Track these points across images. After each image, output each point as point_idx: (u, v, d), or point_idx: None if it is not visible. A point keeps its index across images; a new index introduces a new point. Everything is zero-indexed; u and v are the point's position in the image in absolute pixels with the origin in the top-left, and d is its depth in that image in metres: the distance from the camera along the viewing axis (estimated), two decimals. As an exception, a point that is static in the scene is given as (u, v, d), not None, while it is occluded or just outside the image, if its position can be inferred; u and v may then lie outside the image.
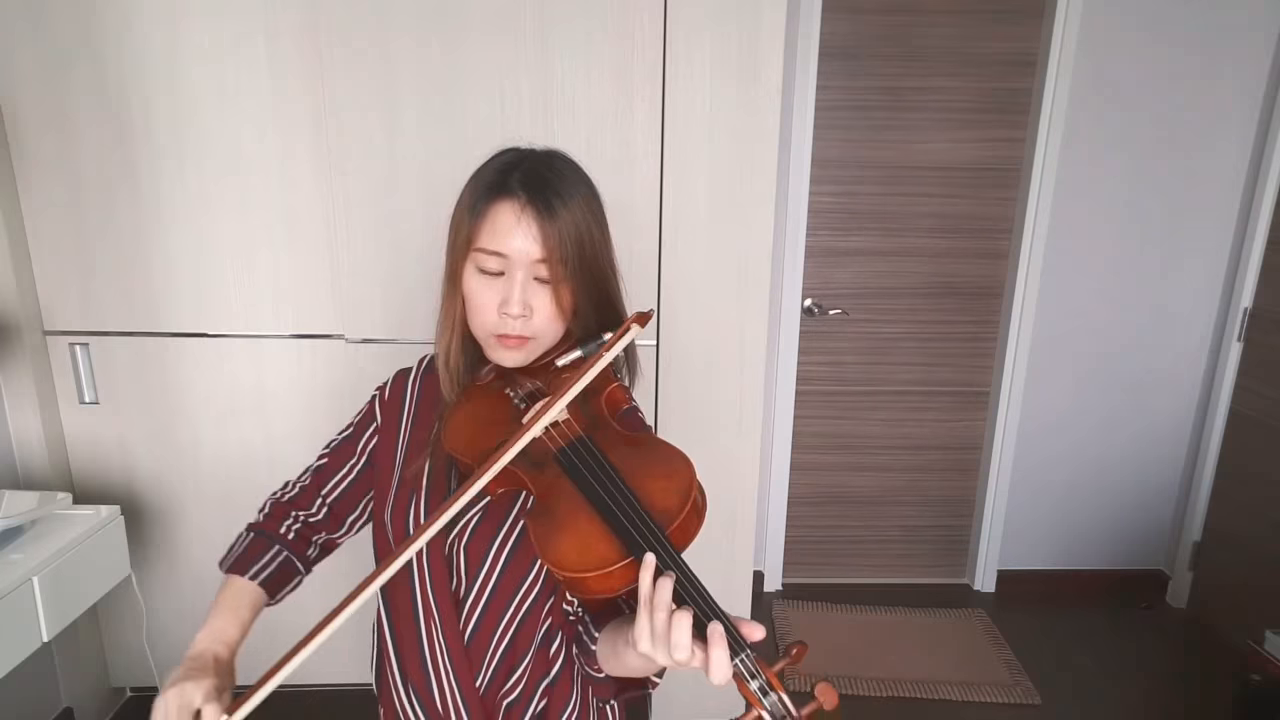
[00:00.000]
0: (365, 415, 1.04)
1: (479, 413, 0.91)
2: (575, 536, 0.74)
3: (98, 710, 2.10)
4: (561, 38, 1.71)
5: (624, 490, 0.75)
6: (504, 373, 0.94)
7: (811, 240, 2.61)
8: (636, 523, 0.72)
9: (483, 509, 0.90)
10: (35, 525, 1.56)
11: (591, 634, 0.88)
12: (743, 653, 0.66)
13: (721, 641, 0.65)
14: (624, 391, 0.95)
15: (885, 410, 2.79)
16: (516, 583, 0.90)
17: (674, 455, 0.80)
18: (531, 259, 0.85)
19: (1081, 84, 2.44)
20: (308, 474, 1.05)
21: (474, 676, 0.91)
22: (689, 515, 0.73)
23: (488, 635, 0.91)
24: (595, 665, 0.88)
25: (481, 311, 0.88)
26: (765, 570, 2.86)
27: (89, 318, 1.90)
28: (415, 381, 1.03)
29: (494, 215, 0.85)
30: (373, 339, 1.88)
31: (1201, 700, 2.34)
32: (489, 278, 0.87)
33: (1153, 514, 2.85)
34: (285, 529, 1.03)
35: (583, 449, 0.81)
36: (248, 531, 1.03)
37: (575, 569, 0.72)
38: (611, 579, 0.72)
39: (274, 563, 1.01)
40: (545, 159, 0.89)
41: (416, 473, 0.93)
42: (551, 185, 0.85)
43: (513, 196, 0.84)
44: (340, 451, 1.03)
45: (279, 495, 1.05)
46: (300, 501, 1.04)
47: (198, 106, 1.80)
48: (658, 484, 0.76)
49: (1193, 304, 2.66)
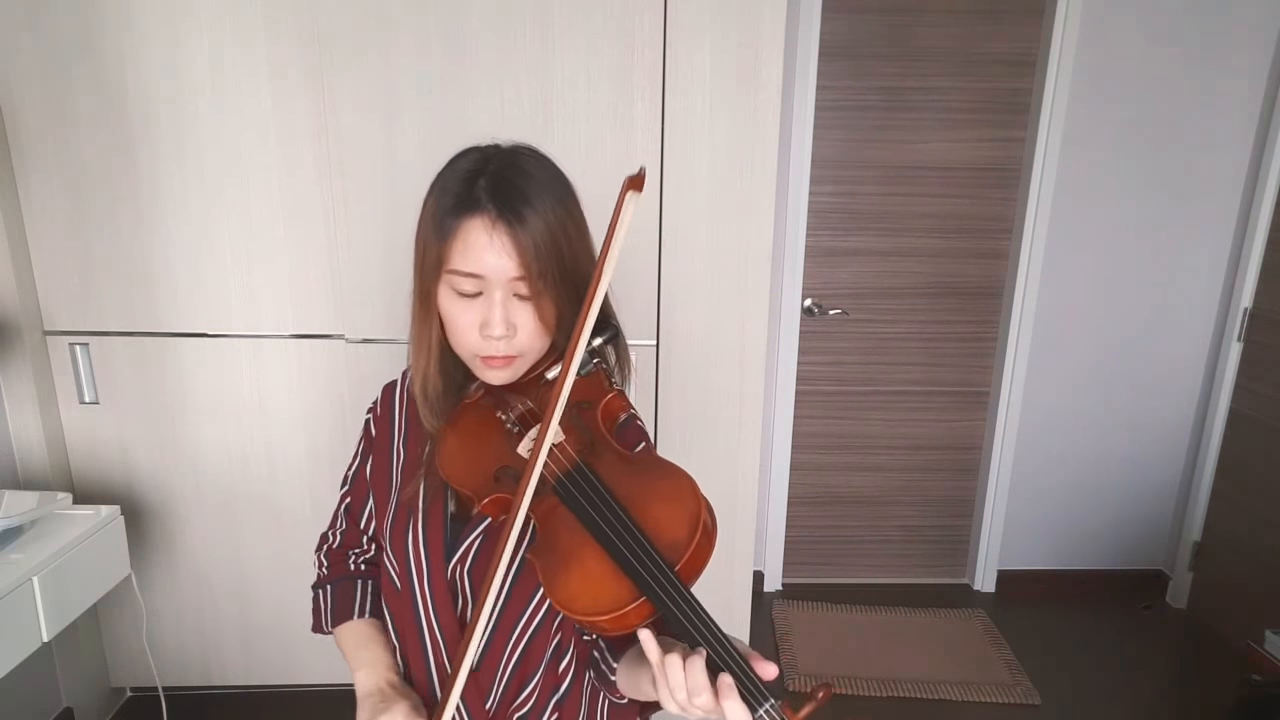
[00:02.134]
0: (364, 440, 1.02)
1: (471, 438, 0.88)
2: (583, 577, 0.71)
3: (98, 710, 2.10)
4: (561, 38, 1.71)
5: (628, 525, 0.72)
6: (492, 390, 0.91)
7: (811, 240, 2.61)
8: (643, 559, 0.69)
9: (483, 532, 0.88)
10: (35, 525, 1.55)
11: (610, 663, 0.86)
12: (766, 703, 0.64)
13: (733, 694, 0.64)
14: (621, 399, 0.90)
15: (885, 410, 2.79)
16: (523, 604, 0.88)
17: (678, 477, 0.76)
18: (509, 277, 0.80)
19: (1081, 84, 2.44)
20: (341, 518, 1.05)
21: (483, 699, 0.90)
22: (699, 545, 0.70)
23: (496, 657, 0.89)
24: (616, 693, 0.86)
25: (462, 334, 0.84)
26: (765, 570, 2.86)
27: (89, 318, 1.90)
28: (402, 394, 1.00)
29: (464, 234, 0.79)
30: (373, 339, 1.88)
31: (1201, 700, 2.34)
32: (466, 299, 0.82)
33: (1153, 514, 2.85)
34: (352, 567, 1.03)
35: (580, 479, 0.77)
36: (322, 587, 1.02)
37: (587, 613, 0.70)
38: (626, 619, 0.69)
39: (367, 593, 1.00)
40: (510, 160, 0.83)
41: (413, 494, 0.91)
42: (521, 192, 0.80)
43: (481, 212, 0.79)
44: (358, 485, 1.03)
45: (330, 544, 1.05)
46: (349, 543, 1.05)
47: (198, 106, 1.80)
48: (663, 512, 0.73)
49: (1193, 304, 2.65)
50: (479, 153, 0.85)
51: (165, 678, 2.04)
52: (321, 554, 1.05)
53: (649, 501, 0.74)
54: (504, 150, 0.85)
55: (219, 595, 2.10)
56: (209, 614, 2.12)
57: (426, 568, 0.89)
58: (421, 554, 0.89)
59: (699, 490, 0.74)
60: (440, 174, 0.86)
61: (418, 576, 0.89)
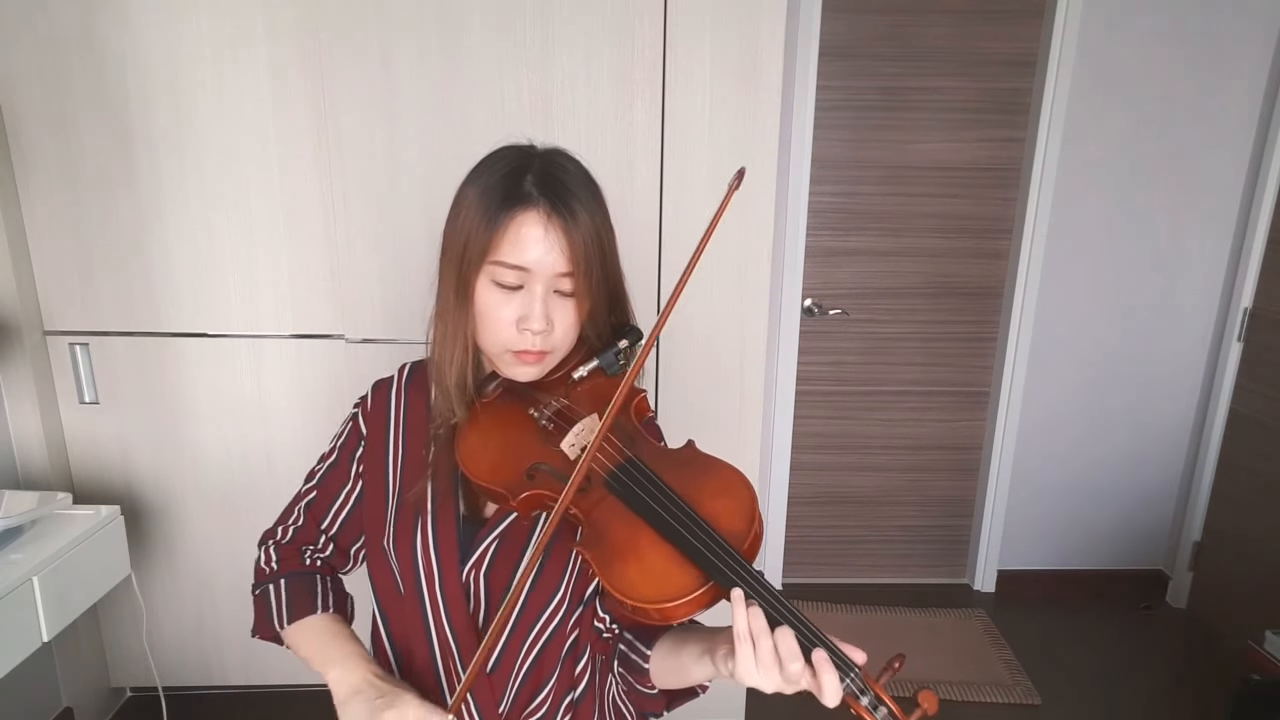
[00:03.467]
0: (350, 435, 0.96)
1: (498, 435, 0.86)
2: (644, 565, 0.71)
3: (98, 710, 2.10)
4: (561, 38, 1.71)
5: (689, 512, 0.72)
6: (513, 388, 0.89)
7: (811, 240, 2.61)
8: (712, 547, 0.70)
9: (499, 535, 0.86)
10: (35, 525, 1.55)
11: (641, 651, 0.84)
12: (851, 673, 0.66)
13: (830, 667, 0.65)
14: (646, 399, 0.91)
15: (885, 410, 2.79)
16: (542, 606, 0.87)
17: (730, 473, 0.78)
18: (555, 272, 0.80)
19: (1081, 84, 2.44)
20: (300, 513, 0.97)
21: (497, 703, 0.88)
22: (754, 540, 0.72)
23: (511, 659, 0.88)
24: (647, 683, 0.84)
25: (497, 327, 0.82)
26: (765, 570, 2.86)
27: (89, 318, 1.90)
28: (400, 393, 0.96)
29: (516, 226, 0.79)
30: (373, 339, 1.87)
31: (1201, 700, 2.34)
32: (505, 292, 0.81)
33: (1153, 514, 2.85)
34: (308, 563, 0.96)
35: (635, 471, 0.77)
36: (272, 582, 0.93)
37: (652, 599, 0.69)
38: (692, 605, 0.69)
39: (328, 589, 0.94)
40: (554, 159, 0.84)
41: (419, 495, 0.88)
42: (570, 189, 0.80)
43: (534, 205, 0.79)
44: (329, 481, 0.96)
45: (278, 539, 0.97)
46: (304, 539, 0.97)
47: (198, 106, 1.80)
48: (720, 504, 0.74)
49: (1193, 304, 2.65)
50: (518, 150, 0.84)
51: (165, 678, 2.04)
52: (268, 548, 0.97)
53: (703, 494, 0.75)
54: (542, 150, 0.85)
55: (219, 595, 2.10)
56: (209, 614, 2.12)
57: (438, 570, 0.86)
58: (433, 556, 0.87)
59: (752, 487, 0.76)
60: (478, 169, 0.85)
61: (427, 579, 0.87)
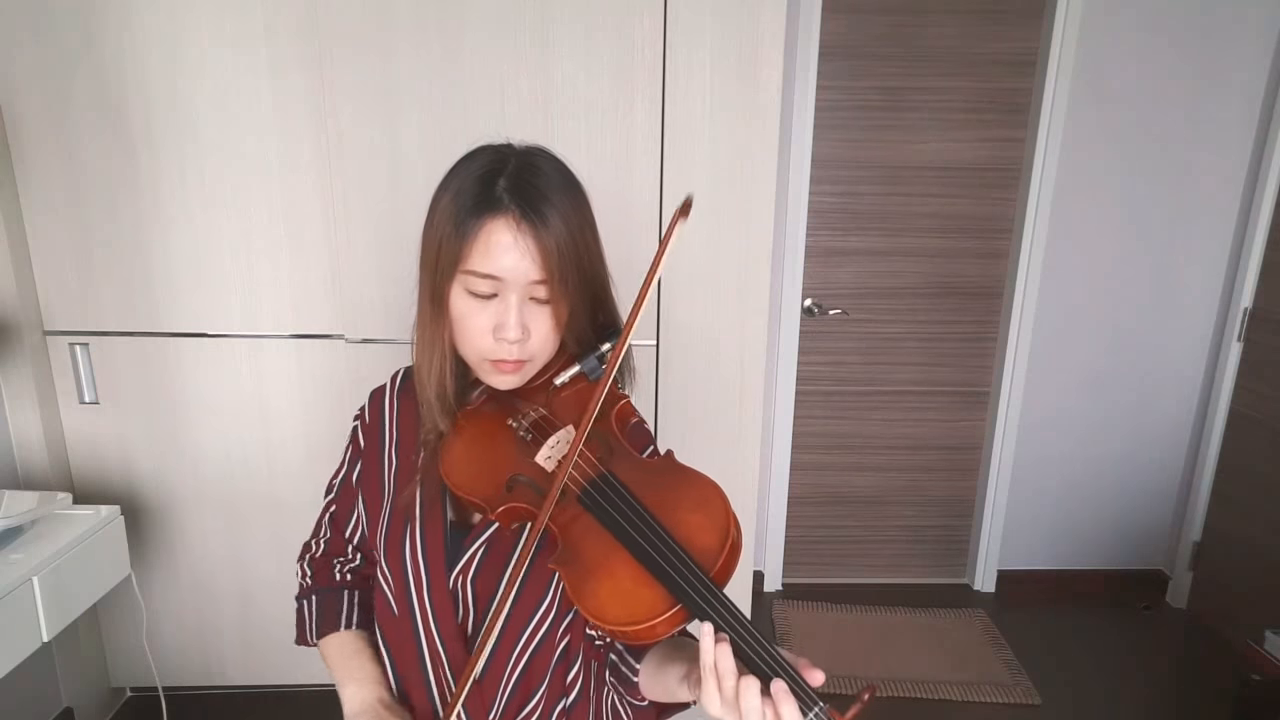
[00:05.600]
0: (352, 447, 0.99)
1: (479, 445, 0.85)
2: (615, 586, 0.70)
3: (98, 710, 2.10)
4: (561, 38, 1.71)
5: (659, 531, 0.71)
6: (497, 395, 0.88)
7: (811, 240, 2.61)
8: (681, 570, 0.68)
9: (486, 541, 0.85)
10: (35, 525, 1.55)
11: (630, 664, 0.84)
12: (815, 707, 0.64)
13: (789, 699, 0.63)
14: (630, 404, 0.89)
15: (885, 410, 2.79)
16: (530, 612, 0.86)
17: (704, 485, 0.75)
18: (529, 280, 0.78)
19: (1081, 84, 2.44)
20: (326, 527, 1.02)
21: (487, 710, 0.87)
22: (729, 554, 0.69)
23: (501, 666, 0.86)
24: (637, 695, 0.84)
25: (473, 336, 0.81)
26: (765, 570, 2.86)
27: (89, 318, 1.90)
28: (391, 400, 0.96)
29: (485, 234, 0.76)
30: (372, 339, 1.87)
31: (1201, 700, 2.34)
32: (480, 301, 0.79)
33: (1153, 514, 2.85)
34: (338, 577, 1.00)
35: (607, 488, 0.75)
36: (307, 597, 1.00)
37: (620, 622, 0.68)
38: (660, 628, 0.68)
39: (353, 605, 0.98)
40: (527, 160, 0.80)
41: (408, 501, 0.88)
42: (542, 193, 0.77)
43: (504, 212, 0.76)
44: (345, 494, 1.00)
45: (314, 553, 1.02)
46: (334, 551, 1.02)
47: (198, 107, 1.80)
48: (693, 519, 0.72)
49: (1193, 304, 2.65)
50: (494, 151, 0.82)
51: (165, 678, 2.04)
52: (304, 563, 1.02)
53: (677, 510, 0.73)
54: (519, 150, 0.82)
55: (219, 595, 2.10)
56: (209, 614, 2.12)
57: (426, 577, 0.86)
58: (420, 563, 0.86)
59: (727, 500, 0.73)
60: (453, 171, 0.83)
61: (416, 586, 0.86)
